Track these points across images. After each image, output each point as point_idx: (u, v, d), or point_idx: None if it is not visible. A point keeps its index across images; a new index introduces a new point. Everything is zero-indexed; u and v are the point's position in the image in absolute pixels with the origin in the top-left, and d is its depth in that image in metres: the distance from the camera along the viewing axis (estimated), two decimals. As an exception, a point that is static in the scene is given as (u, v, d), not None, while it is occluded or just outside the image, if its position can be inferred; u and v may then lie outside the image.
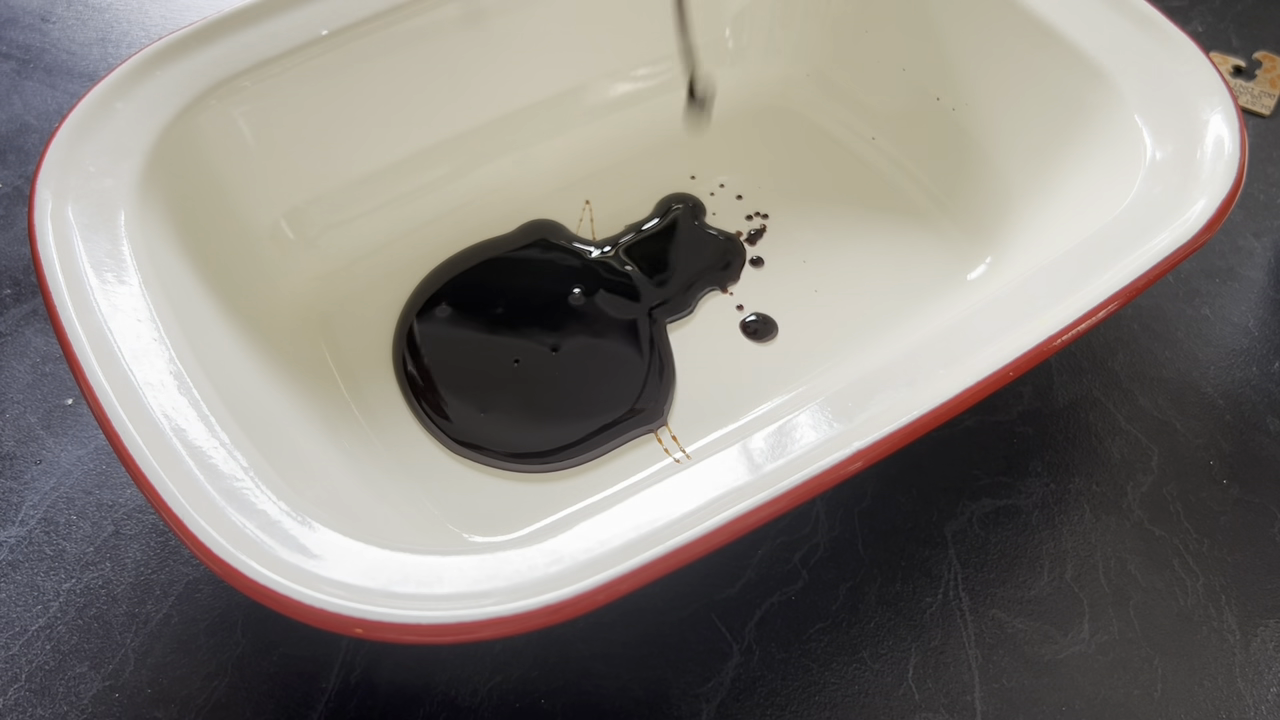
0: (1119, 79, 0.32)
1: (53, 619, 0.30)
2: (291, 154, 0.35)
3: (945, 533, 0.32)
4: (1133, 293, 0.26)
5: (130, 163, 0.30)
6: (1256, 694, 0.29)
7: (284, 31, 0.33)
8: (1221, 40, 0.46)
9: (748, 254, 0.37)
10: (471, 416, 0.32)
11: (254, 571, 0.22)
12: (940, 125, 0.38)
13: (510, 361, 0.34)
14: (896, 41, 0.39)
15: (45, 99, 0.45)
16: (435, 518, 0.30)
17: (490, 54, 0.37)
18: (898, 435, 0.24)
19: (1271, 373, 0.35)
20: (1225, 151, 0.29)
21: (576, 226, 0.38)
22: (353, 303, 0.35)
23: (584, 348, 0.34)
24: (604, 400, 0.33)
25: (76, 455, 0.33)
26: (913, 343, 0.26)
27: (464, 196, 0.38)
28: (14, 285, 0.38)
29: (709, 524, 0.22)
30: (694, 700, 0.29)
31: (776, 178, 0.39)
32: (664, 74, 0.40)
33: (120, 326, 0.26)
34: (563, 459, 0.31)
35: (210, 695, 0.28)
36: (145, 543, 0.31)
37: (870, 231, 0.37)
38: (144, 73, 0.32)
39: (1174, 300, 0.37)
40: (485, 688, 0.29)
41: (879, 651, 0.29)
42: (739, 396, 0.33)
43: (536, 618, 0.21)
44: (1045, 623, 0.30)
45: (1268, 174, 0.41)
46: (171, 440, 0.24)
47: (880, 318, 0.35)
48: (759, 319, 0.35)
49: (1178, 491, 0.33)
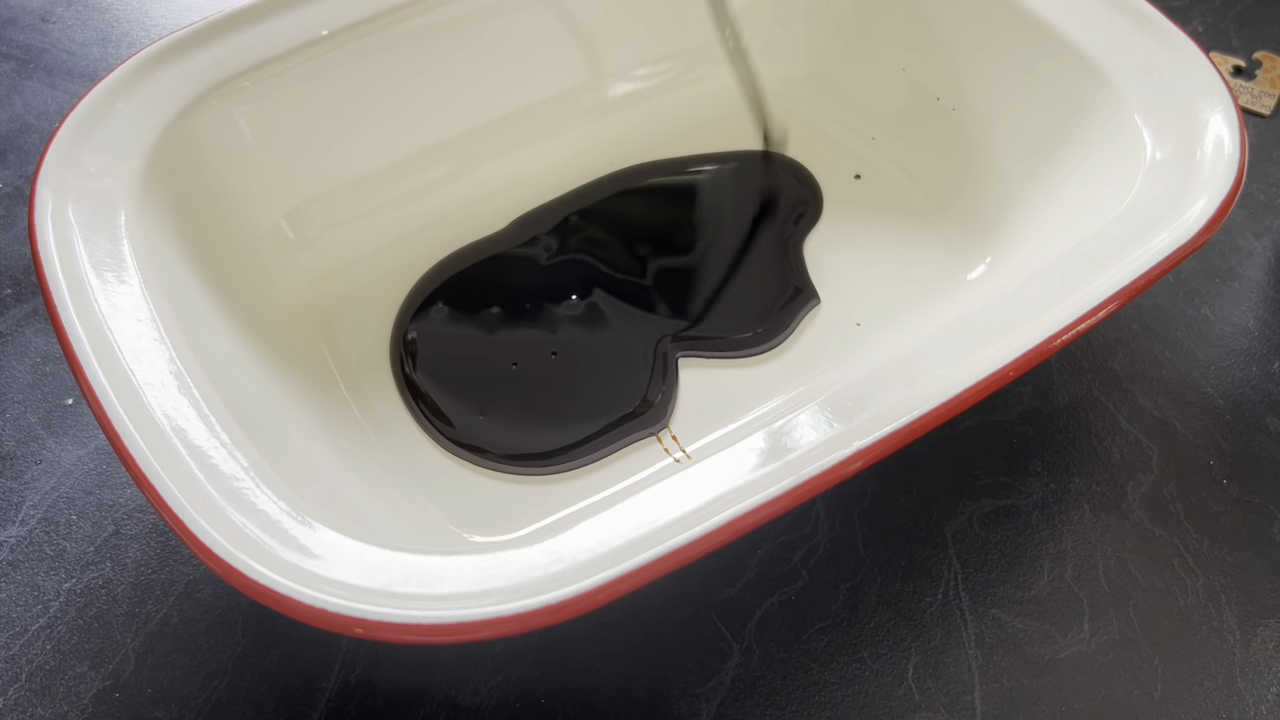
0: (1119, 79, 0.32)
1: (53, 619, 0.30)
2: (291, 154, 0.35)
3: (945, 533, 0.32)
4: (1133, 293, 0.26)
5: (130, 163, 0.30)
6: (1256, 694, 0.29)
7: (284, 31, 0.33)
8: (1221, 40, 0.46)
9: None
10: (471, 419, 0.32)
11: (254, 571, 0.22)
12: (940, 125, 0.38)
13: (509, 363, 0.34)
14: (896, 41, 0.39)
15: (45, 99, 0.45)
16: (435, 518, 0.30)
17: (490, 54, 0.37)
18: (898, 435, 0.24)
19: (1271, 373, 0.35)
20: (1225, 151, 0.29)
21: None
22: (352, 303, 0.35)
23: (585, 348, 0.34)
24: (605, 402, 0.33)
25: (76, 455, 0.33)
26: (913, 343, 0.26)
27: (464, 196, 0.38)
28: (14, 285, 0.38)
29: (709, 524, 0.22)
30: (694, 700, 0.29)
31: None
32: (664, 74, 0.40)
33: (120, 326, 0.26)
34: (563, 462, 0.31)
35: (210, 695, 0.28)
36: (145, 543, 0.31)
37: (870, 231, 0.37)
38: (144, 73, 0.32)
39: (1174, 300, 0.37)
40: (485, 688, 0.29)
41: (879, 651, 0.29)
42: (739, 396, 0.33)
43: (536, 618, 0.21)
44: (1045, 623, 0.30)
45: (1268, 174, 0.41)
46: (171, 440, 0.24)
47: (880, 318, 0.35)
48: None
49: (1178, 491, 0.33)
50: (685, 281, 0.36)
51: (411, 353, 0.34)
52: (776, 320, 0.34)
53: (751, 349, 0.34)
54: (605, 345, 0.34)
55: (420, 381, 0.33)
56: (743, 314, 0.35)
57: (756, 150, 0.40)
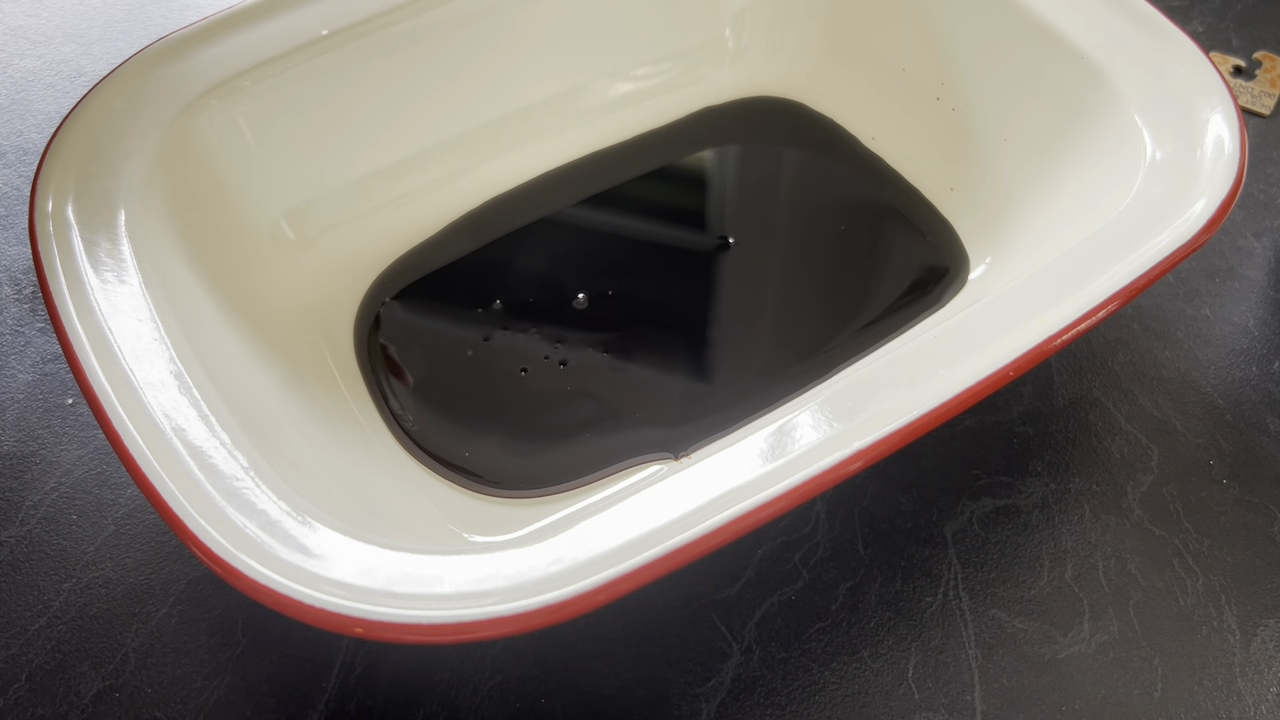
0: (1119, 79, 0.32)
1: (53, 619, 0.30)
2: (291, 154, 0.34)
3: (945, 533, 0.32)
4: (1133, 293, 0.26)
5: (130, 163, 0.30)
6: (1256, 694, 0.29)
7: (284, 31, 0.33)
8: (1221, 40, 0.46)
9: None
10: (465, 443, 0.31)
11: (254, 571, 0.22)
12: (940, 125, 0.38)
13: (517, 369, 0.33)
14: (896, 41, 0.39)
15: (45, 99, 0.45)
16: (435, 518, 0.30)
17: (490, 54, 0.37)
18: (898, 435, 0.24)
19: (1271, 373, 0.35)
20: (1225, 151, 0.29)
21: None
22: (353, 303, 0.35)
23: (596, 361, 0.33)
24: (621, 426, 0.32)
25: (76, 455, 0.33)
26: (913, 343, 0.26)
27: (464, 196, 0.38)
28: (14, 285, 0.38)
29: (709, 524, 0.22)
30: (694, 700, 0.29)
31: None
32: (664, 74, 0.40)
33: (120, 326, 0.26)
34: (558, 488, 0.31)
35: (210, 695, 0.28)
36: (145, 543, 0.31)
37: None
38: (144, 73, 0.32)
39: (1174, 300, 0.37)
40: (485, 688, 0.29)
41: (879, 651, 0.29)
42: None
43: (536, 618, 0.21)
44: (1045, 622, 0.30)
45: (1268, 174, 0.41)
46: (171, 440, 0.24)
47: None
48: (757, 318, 0.35)
49: (1178, 491, 0.33)
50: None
51: (391, 363, 0.33)
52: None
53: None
54: (618, 358, 0.34)
55: (400, 387, 0.32)
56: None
57: (756, 146, 0.40)
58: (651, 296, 0.36)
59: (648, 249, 0.37)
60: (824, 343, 0.34)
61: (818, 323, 0.35)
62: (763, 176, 0.39)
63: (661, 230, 0.38)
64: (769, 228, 0.38)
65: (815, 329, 0.35)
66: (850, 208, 0.38)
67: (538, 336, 0.34)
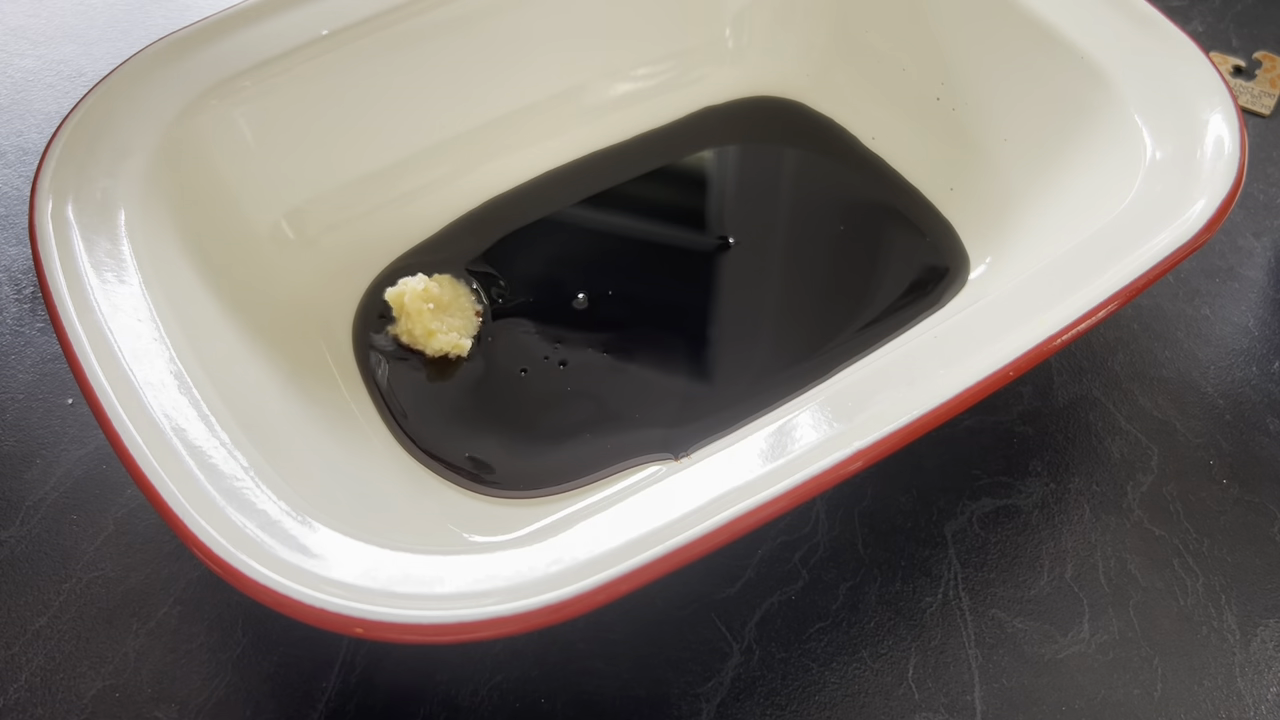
0: (1119, 79, 0.32)
1: (53, 618, 0.30)
2: (291, 154, 0.35)
3: (945, 533, 0.32)
4: (1133, 293, 0.26)
5: (130, 163, 0.30)
6: (1256, 694, 0.29)
7: (284, 31, 0.33)
8: (1221, 40, 0.46)
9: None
10: (460, 437, 0.31)
11: (254, 571, 0.22)
12: (940, 125, 0.38)
13: (516, 370, 0.34)
14: (896, 42, 0.39)
15: (45, 99, 0.45)
16: (435, 518, 0.30)
17: (490, 54, 0.37)
18: (898, 435, 0.24)
19: (1271, 373, 0.35)
20: (1225, 151, 0.29)
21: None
22: (353, 303, 0.35)
23: (596, 361, 0.33)
24: (621, 427, 0.32)
25: (76, 455, 0.33)
26: (913, 343, 0.26)
27: (464, 196, 0.38)
28: (14, 285, 0.38)
29: (709, 524, 0.22)
30: (694, 700, 0.29)
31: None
32: (664, 74, 0.40)
33: (120, 326, 0.26)
34: (558, 488, 0.31)
35: (210, 695, 0.28)
36: (145, 542, 0.31)
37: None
38: (144, 73, 0.32)
39: (1174, 300, 0.37)
40: (485, 688, 0.29)
41: (879, 651, 0.29)
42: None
43: (536, 618, 0.21)
44: (1045, 622, 0.30)
45: (1268, 174, 0.41)
46: (171, 440, 0.24)
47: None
48: (758, 318, 0.35)
49: (1178, 491, 0.33)
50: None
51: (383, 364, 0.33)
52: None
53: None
54: (618, 358, 0.34)
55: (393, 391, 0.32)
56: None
57: (756, 146, 0.40)
58: (651, 296, 0.36)
59: (648, 249, 0.37)
60: (824, 343, 0.34)
61: (817, 323, 0.35)
62: (763, 176, 0.39)
63: (661, 230, 0.38)
64: (769, 228, 0.38)
65: (815, 329, 0.35)
66: (850, 208, 0.38)
67: (538, 336, 0.34)
